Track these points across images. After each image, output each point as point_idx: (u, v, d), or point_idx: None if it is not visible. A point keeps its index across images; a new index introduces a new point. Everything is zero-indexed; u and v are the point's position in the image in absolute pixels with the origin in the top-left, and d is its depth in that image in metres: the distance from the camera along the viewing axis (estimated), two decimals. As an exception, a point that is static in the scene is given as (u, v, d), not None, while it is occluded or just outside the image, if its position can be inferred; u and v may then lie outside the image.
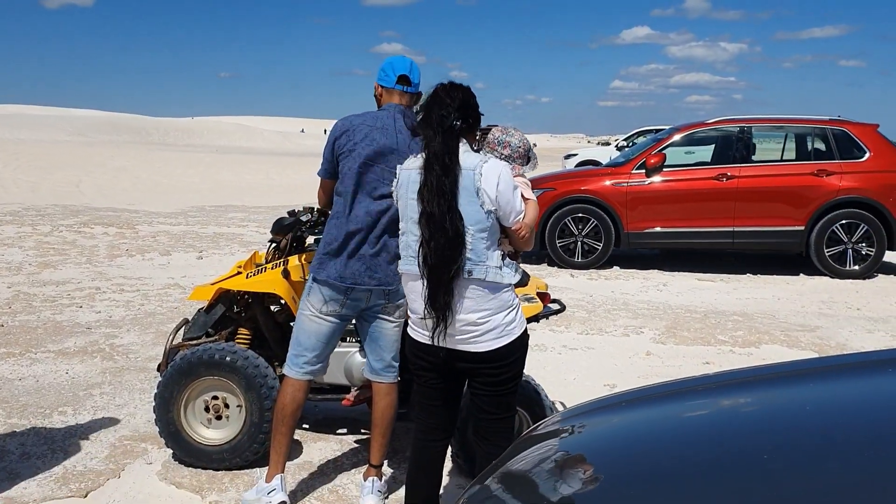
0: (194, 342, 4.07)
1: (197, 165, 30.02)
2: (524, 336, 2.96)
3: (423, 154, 2.83)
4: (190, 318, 4.31)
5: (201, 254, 10.26)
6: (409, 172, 2.89)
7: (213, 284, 4.13)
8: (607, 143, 35.34)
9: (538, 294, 4.09)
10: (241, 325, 4.16)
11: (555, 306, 4.32)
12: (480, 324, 2.80)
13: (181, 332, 4.25)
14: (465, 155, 2.82)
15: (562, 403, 4.66)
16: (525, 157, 3.59)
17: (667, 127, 20.88)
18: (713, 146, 10.69)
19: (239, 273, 4.11)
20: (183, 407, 3.84)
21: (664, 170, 9.89)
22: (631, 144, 22.09)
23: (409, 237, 2.87)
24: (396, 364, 3.60)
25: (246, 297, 4.16)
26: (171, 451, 3.95)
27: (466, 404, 3.31)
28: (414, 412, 3.27)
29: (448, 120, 2.80)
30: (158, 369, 4.13)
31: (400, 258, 2.98)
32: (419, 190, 2.77)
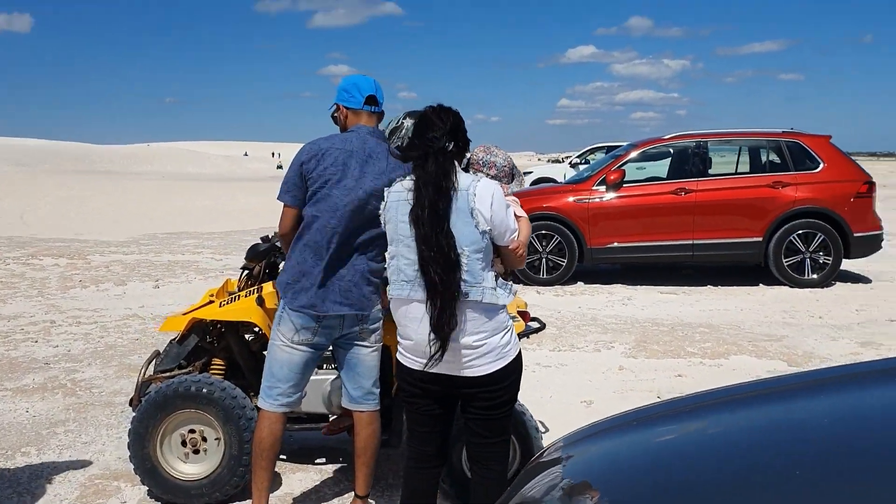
0: (168, 374, 3.93)
1: (146, 192, 29.48)
2: (519, 357, 2.91)
3: (413, 176, 2.78)
4: (161, 350, 4.16)
5: (157, 282, 10.02)
6: (399, 194, 2.83)
7: (185, 314, 3.99)
8: (558, 161, 35.68)
9: (518, 313, 4.06)
10: (216, 355, 4.03)
11: (535, 324, 4.29)
12: (477, 347, 2.75)
13: (153, 364, 4.10)
14: (457, 176, 2.79)
15: (542, 423, 4.60)
16: (510, 175, 3.56)
17: (617, 143, 21.26)
18: (668, 161, 10.86)
19: (211, 302, 3.99)
20: (159, 442, 3.70)
21: (624, 185, 9.99)
22: (584, 161, 22.34)
23: (401, 261, 2.80)
24: (377, 391, 3.49)
25: (219, 326, 4.03)
26: (147, 489, 3.80)
27: (457, 429, 3.25)
28: (406, 439, 3.19)
29: (440, 142, 2.76)
30: (130, 403, 3.97)
31: (375, 282, 2.95)
32: (412, 211, 2.72)
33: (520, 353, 2.92)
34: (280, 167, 64.63)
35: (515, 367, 2.87)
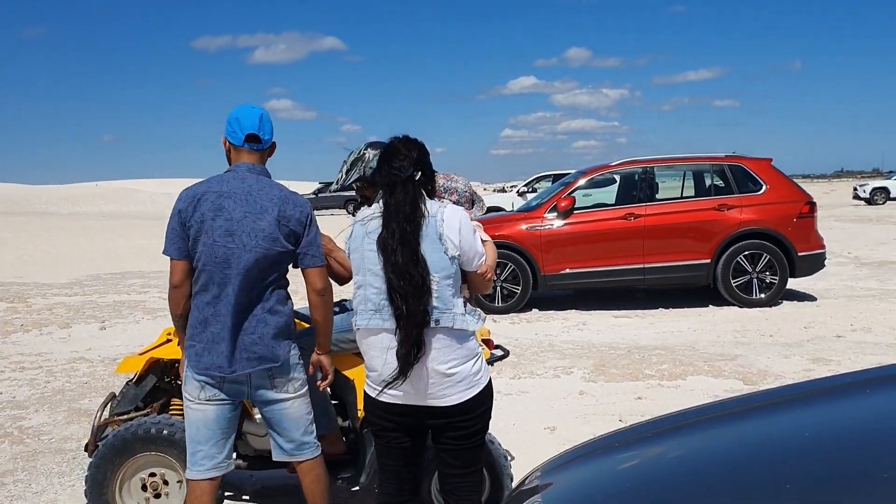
0: (125, 417, 3.80)
1: (85, 232, 28.74)
2: (490, 385, 2.88)
3: (381, 204, 2.76)
4: (117, 392, 4.03)
5: (104, 324, 9.73)
6: (365, 224, 2.79)
7: (141, 354, 3.87)
8: (504, 190, 36.01)
9: (482, 340, 4.03)
10: (175, 395, 3.91)
11: (499, 352, 4.27)
12: (450, 375, 2.71)
13: (109, 407, 3.95)
14: (426, 204, 2.76)
15: (508, 452, 4.57)
16: (470, 201, 3.58)
17: (563, 171, 21.57)
18: (616, 187, 11.03)
19: (169, 341, 3.87)
20: (118, 487, 3.57)
21: (574, 212, 10.10)
22: (532, 190, 22.57)
23: (369, 290, 2.76)
24: (311, 436, 3.25)
25: (178, 365, 3.91)
26: (105, 538, 3.64)
27: (426, 460, 3.20)
28: (376, 475, 3.10)
29: (407, 171, 2.74)
30: (86, 449, 3.82)
31: (282, 328, 2.99)
32: (380, 239, 2.69)
33: (490, 380, 2.89)
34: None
35: (487, 394, 2.84)
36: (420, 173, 2.78)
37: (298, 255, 3.11)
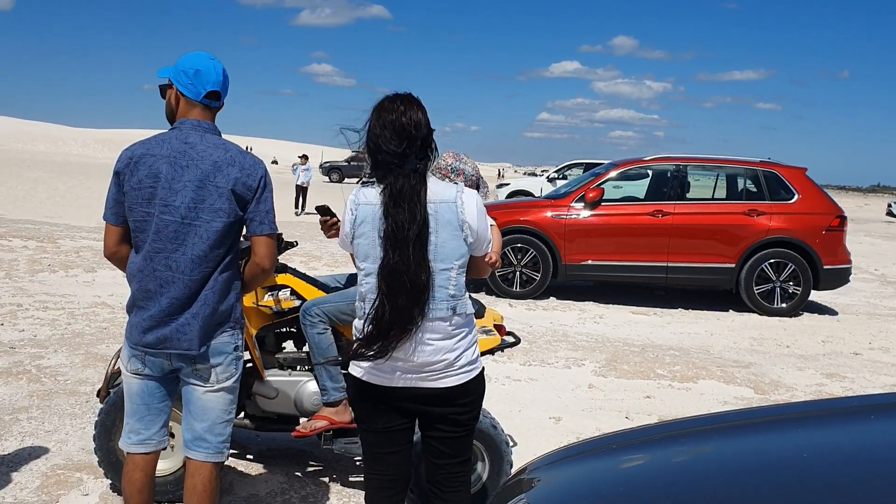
0: (139, 367, 3.86)
1: (119, 179, 29.08)
2: (483, 371, 2.82)
3: (383, 191, 2.55)
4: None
5: (128, 271, 9.87)
6: (372, 207, 2.57)
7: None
8: (534, 174, 35.84)
9: (494, 326, 4.05)
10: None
11: (510, 339, 4.28)
12: (455, 360, 2.63)
13: (124, 355, 4.03)
14: (436, 185, 2.61)
15: (511, 437, 4.60)
16: (476, 185, 3.53)
17: (595, 161, 21.41)
18: (646, 182, 10.95)
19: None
20: (122, 436, 3.62)
21: (602, 204, 10.06)
22: (562, 177, 22.47)
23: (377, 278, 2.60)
24: (217, 438, 2.90)
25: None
26: (110, 482, 3.73)
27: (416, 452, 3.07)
28: (365, 466, 2.88)
29: (405, 166, 2.56)
30: (98, 395, 3.90)
31: (219, 314, 2.78)
32: (383, 234, 2.53)
33: (483, 368, 2.81)
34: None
35: (482, 381, 2.76)
36: (423, 161, 2.60)
37: (246, 221, 2.82)
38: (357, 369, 2.68)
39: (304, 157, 22.97)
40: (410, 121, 2.58)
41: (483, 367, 2.78)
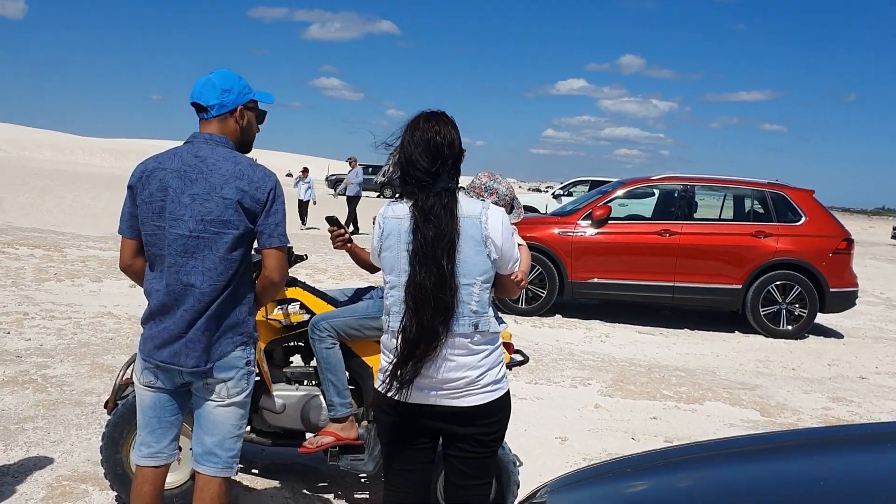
0: (147, 379, 3.85)
1: (125, 189, 29.15)
2: (509, 392, 2.83)
3: (413, 207, 2.58)
4: (141, 354, 4.09)
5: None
6: (399, 221, 2.61)
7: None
8: (538, 190, 35.88)
9: (504, 344, 4.04)
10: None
11: (518, 357, 4.27)
12: (478, 379, 2.61)
13: (132, 367, 4.02)
14: (463, 201, 2.62)
15: (517, 457, 4.58)
16: (510, 205, 3.54)
17: (602, 179, 21.44)
18: (653, 201, 10.95)
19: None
20: (133, 448, 3.62)
21: (609, 222, 10.05)
22: (568, 193, 22.50)
23: (402, 292, 2.61)
24: (228, 454, 2.89)
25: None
26: (115, 494, 3.72)
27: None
28: (385, 482, 2.88)
29: (436, 185, 2.59)
30: (106, 406, 3.90)
31: (229, 328, 2.78)
32: (411, 250, 2.56)
33: (508, 387, 2.83)
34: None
35: (508, 400, 2.77)
36: (454, 180, 2.64)
37: (256, 234, 2.82)
38: (382, 384, 2.68)
39: (305, 171, 22.21)
40: (444, 140, 2.62)
41: (508, 388, 2.75)
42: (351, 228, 18.49)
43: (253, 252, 2.97)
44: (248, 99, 2.92)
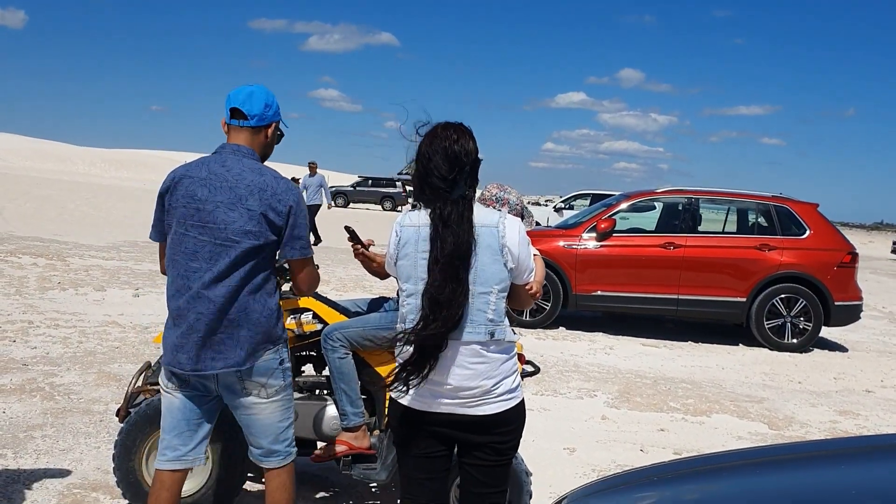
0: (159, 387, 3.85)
1: (127, 199, 29.21)
2: (524, 401, 2.82)
3: (431, 215, 2.60)
4: (153, 362, 4.09)
5: (138, 291, 9.88)
6: (416, 229, 2.62)
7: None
8: (538, 204, 35.94)
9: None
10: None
11: (529, 368, 4.26)
12: (493, 388, 2.62)
13: (143, 375, 4.02)
14: (479, 211, 2.65)
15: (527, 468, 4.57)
16: (520, 215, 3.57)
17: (603, 192, 21.51)
18: (657, 214, 10.96)
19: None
20: (145, 456, 3.61)
21: (613, 235, 10.06)
22: (569, 206, 22.56)
23: (420, 299, 2.62)
24: (283, 444, 3.03)
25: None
26: (127, 502, 3.70)
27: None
28: (397, 474, 2.95)
29: (454, 193, 2.61)
30: (117, 415, 3.88)
31: (256, 329, 2.82)
32: (430, 258, 2.57)
33: (523, 396, 2.82)
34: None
35: (523, 409, 2.78)
36: (471, 189, 2.65)
37: (281, 246, 2.91)
38: (398, 393, 2.69)
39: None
40: (462, 149, 2.64)
41: (523, 397, 2.74)
42: (312, 239, 16.81)
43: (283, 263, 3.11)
44: (279, 118, 3.04)
